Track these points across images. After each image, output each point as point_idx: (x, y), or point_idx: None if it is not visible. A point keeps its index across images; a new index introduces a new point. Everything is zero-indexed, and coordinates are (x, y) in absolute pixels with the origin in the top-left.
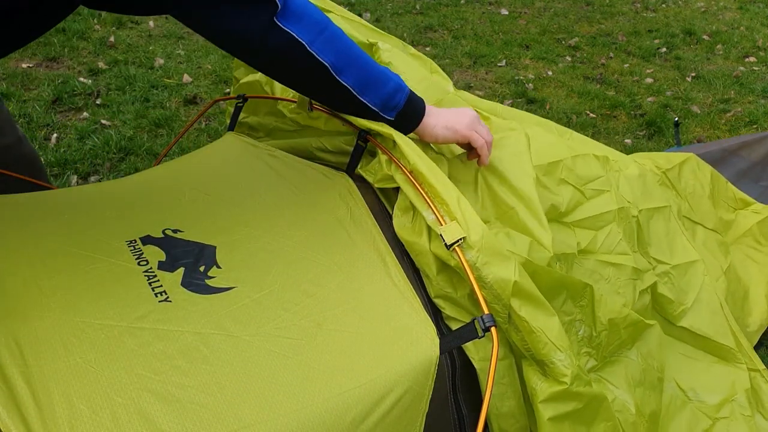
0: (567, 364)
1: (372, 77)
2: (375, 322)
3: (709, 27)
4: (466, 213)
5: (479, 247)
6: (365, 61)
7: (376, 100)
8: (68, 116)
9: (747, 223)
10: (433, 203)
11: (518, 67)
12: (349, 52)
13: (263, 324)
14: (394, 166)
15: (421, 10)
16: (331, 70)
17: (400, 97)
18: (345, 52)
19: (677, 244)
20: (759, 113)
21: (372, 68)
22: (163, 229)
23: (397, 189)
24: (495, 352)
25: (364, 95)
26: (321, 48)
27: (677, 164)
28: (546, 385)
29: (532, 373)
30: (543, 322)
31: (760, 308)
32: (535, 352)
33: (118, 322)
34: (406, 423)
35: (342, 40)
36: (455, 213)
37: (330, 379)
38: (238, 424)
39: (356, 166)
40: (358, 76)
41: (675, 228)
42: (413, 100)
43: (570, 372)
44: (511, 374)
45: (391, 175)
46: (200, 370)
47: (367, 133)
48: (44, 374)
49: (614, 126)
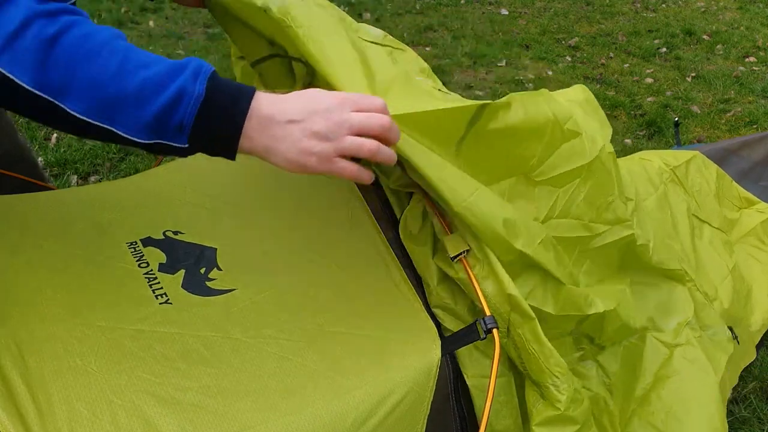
0: (563, 389)
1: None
2: (376, 324)
3: (709, 27)
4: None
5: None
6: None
7: (131, 124)
8: None
9: (751, 223)
10: (440, 213)
11: (518, 67)
12: (79, 65)
13: (264, 326)
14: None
15: (421, 10)
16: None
17: (183, 109)
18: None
19: (642, 173)
20: (759, 113)
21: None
22: (164, 230)
23: (410, 193)
24: (497, 354)
25: (104, 120)
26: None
27: (684, 162)
28: (542, 408)
29: (532, 393)
30: (540, 345)
31: (763, 307)
32: (530, 373)
33: (118, 324)
34: (407, 425)
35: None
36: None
37: (331, 380)
38: (238, 426)
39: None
40: (90, 97)
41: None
42: (216, 105)
43: (565, 397)
44: (509, 392)
45: (412, 182)
46: (201, 373)
47: None
48: (44, 376)
49: (614, 126)
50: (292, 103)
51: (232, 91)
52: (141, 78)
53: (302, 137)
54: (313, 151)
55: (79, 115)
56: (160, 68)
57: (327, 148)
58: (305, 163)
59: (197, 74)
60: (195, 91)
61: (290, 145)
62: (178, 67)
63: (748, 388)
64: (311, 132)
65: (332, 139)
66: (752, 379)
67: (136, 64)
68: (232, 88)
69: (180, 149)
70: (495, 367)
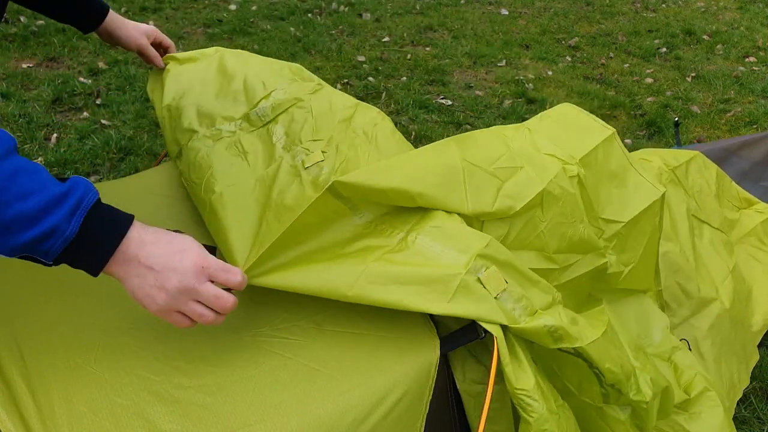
0: (530, 411)
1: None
2: (375, 323)
3: (709, 27)
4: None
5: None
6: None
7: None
8: (68, 116)
9: (751, 223)
10: None
11: (518, 67)
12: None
13: (263, 324)
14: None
15: (421, 10)
16: None
17: (52, 243)
18: None
19: (629, 185)
20: (759, 113)
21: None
22: None
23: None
24: (496, 352)
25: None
26: None
27: (684, 162)
28: (522, 427)
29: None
30: (505, 365)
31: (763, 308)
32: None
33: (118, 323)
34: (406, 424)
35: None
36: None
37: (330, 379)
38: (237, 424)
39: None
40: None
41: (621, 163)
42: (85, 241)
43: (533, 419)
44: (502, 400)
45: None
46: (200, 371)
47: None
48: (44, 375)
49: (614, 126)
50: (159, 248)
51: (106, 227)
52: (16, 211)
53: (153, 285)
54: (156, 302)
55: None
56: (38, 200)
57: (169, 304)
58: (147, 305)
59: (75, 210)
60: (67, 230)
61: (139, 286)
62: (59, 197)
63: (748, 388)
64: (161, 285)
65: (176, 299)
66: (752, 379)
67: (16, 194)
68: (107, 224)
69: (45, 263)
70: (494, 368)
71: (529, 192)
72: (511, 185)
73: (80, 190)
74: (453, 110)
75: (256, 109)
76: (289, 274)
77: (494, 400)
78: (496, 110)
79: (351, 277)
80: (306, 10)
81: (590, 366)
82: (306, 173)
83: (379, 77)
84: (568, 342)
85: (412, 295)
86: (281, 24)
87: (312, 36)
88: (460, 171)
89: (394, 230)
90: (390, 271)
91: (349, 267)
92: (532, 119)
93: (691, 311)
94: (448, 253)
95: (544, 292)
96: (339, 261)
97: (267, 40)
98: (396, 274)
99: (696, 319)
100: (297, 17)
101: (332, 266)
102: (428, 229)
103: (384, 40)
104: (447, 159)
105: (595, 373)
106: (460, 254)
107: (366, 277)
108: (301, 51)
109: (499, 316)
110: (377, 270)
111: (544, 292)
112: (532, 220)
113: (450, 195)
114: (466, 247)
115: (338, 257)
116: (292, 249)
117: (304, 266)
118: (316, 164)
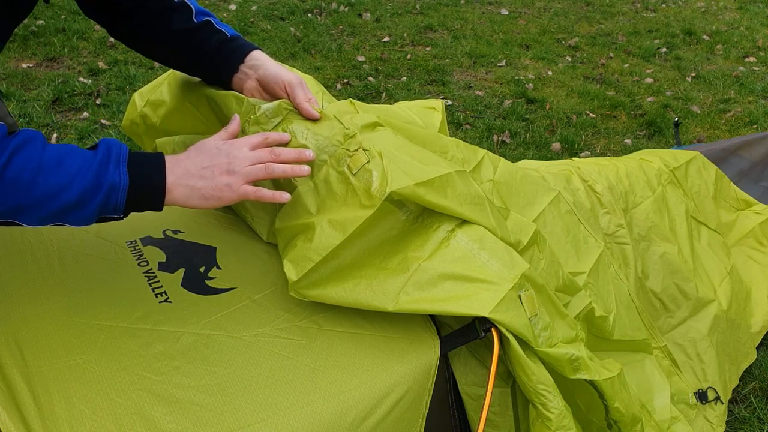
0: (551, 407)
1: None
2: (375, 323)
3: (709, 27)
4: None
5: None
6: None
7: (80, 221)
8: (68, 116)
9: (749, 224)
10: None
11: (518, 67)
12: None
13: (263, 325)
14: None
15: (421, 10)
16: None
17: (116, 198)
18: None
19: (579, 240)
20: (759, 113)
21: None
22: (164, 230)
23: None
24: (496, 352)
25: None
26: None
27: (684, 163)
28: (538, 427)
29: (532, 410)
30: (521, 364)
31: (763, 309)
32: (523, 390)
33: (118, 323)
34: (406, 423)
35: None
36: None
37: (330, 379)
38: (238, 424)
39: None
40: (42, 214)
41: (570, 219)
42: (139, 183)
43: (554, 415)
44: (503, 403)
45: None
46: (201, 371)
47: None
48: (44, 375)
49: (614, 126)
50: (193, 156)
51: (146, 166)
52: (80, 189)
53: (217, 175)
54: (231, 178)
55: (35, 225)
56: (89, 171)
57: (239, 169)
58: (221, 196)
59: (118, 162)
60: (121, 181)
61: (205, 185)
62: (103, 160)
63: (748, 388)
64: (225, 169)
65: (238, 160)
66: (752, 379)
67: (70, 175)
68: (145, 163)
69: (118, 218)
70: (494, 368)
71: (528, 229)
72: (511, 223)
73: (112, 146)
74: (453, 110)
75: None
76: (336, 290)
77: (495, 404)
78: (496, 110)
79: (393, 291)
80: (306, 10)
81: (600, 397)
82: (356, 180)
83: (379, 77)
84: (586, 373)
85: (451, 301)
86: (281, 24)
87: (312, 36)
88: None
89: (440, 224)
90: (431, 278)
91: (391, 282)
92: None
93: (689, 312)
94: (495, 264)
95: (570, 327)
96: (381, 276)
97: (267, 40)
98: (437, 282)
99: (694, 320)
100: (297, 17)
101: (373, 282)
102: (474, 235)
103: (384, 40)
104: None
105: (605, 405)
106: (507, 269)
107: (409, 286)
108: (301, 51)
109: (529, 337)
110: (418, 279)
111: (570, 327)
112: (534, 256)
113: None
114: (512, 263)
115: (381, 270)
116: (347, 249)
117: (348, 281)
118: (364, 168)
